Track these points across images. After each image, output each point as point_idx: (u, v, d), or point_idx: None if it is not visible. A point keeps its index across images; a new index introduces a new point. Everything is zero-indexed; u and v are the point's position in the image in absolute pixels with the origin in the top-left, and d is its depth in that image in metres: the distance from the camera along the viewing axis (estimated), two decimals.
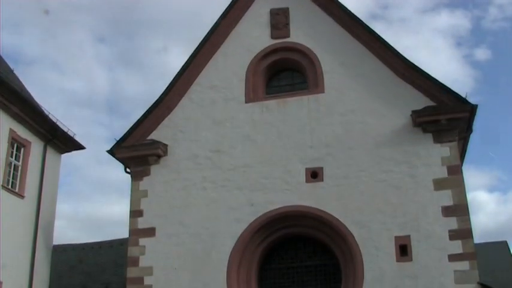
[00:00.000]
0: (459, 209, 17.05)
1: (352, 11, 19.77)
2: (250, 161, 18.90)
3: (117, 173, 73.01)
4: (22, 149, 21.09)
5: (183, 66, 20.35)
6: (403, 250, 17.07)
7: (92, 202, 64.96)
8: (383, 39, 19.15)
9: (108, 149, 20.06)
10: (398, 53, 18.90)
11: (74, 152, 24.02)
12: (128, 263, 18.85)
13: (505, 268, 26.18)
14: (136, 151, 19.65)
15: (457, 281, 16.38)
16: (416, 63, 18.66)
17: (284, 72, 20.52)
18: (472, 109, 17.77)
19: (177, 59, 69.00)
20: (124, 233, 21.34)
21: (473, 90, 68.64)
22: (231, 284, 17.75)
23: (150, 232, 18.86)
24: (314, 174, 18.33)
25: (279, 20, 20.44)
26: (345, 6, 19.86)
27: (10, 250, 19.28)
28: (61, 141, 22.65)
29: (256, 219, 18.21)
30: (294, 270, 18.49)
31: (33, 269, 20.59)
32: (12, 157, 20.55)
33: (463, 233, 16.82)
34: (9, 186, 20.10)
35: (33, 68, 64.81)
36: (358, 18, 19.68)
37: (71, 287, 25.45)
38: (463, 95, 17.92)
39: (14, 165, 20.66)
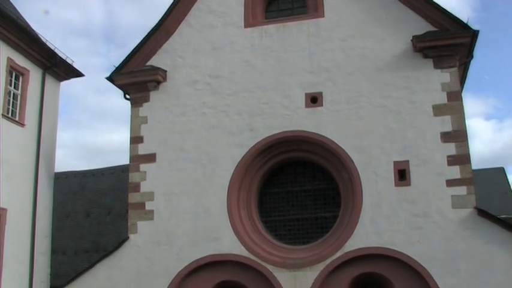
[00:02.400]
0: (458, 135, 17.09)
1: None
2: (250, 86, 18.81)
3: (116, 102, 73.57)
4: (21, 78, 20.89)
5: None
6: (402, 175, 17.20)
7: (92, 131, 65.49)
8: None
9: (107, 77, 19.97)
10: None
11: (73, 81, 23.88)
12: (129, 188, 19.04)
13: (501, 193, 26.65)
14: (136, 77, 19.53)
15: (454, 206, 16.59)
16: None
17: None
18: (473, 34, 17.54)
19: None
20: (125, 161, 21.56)
21: (470, 19, 67.83)
22: (231, 208, 17.97)
23: (150, 158, 18.98)
24: (314, 99, 18.27)
25: None
26: None
27: (12, 178, 19.42)
28: (60, 68, 22.42)
29: (255, 144, 18.29)
30: (294, 194, 18.67)
31: (36, 195, 20.73)
32: (11, 86, 20.41)
33: (461, 158, 16.91)
34: (9, 115, 20.04)
35: None
36: None
37: (75, 212, 26.00)
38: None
39: (13, 93, 20.54)
